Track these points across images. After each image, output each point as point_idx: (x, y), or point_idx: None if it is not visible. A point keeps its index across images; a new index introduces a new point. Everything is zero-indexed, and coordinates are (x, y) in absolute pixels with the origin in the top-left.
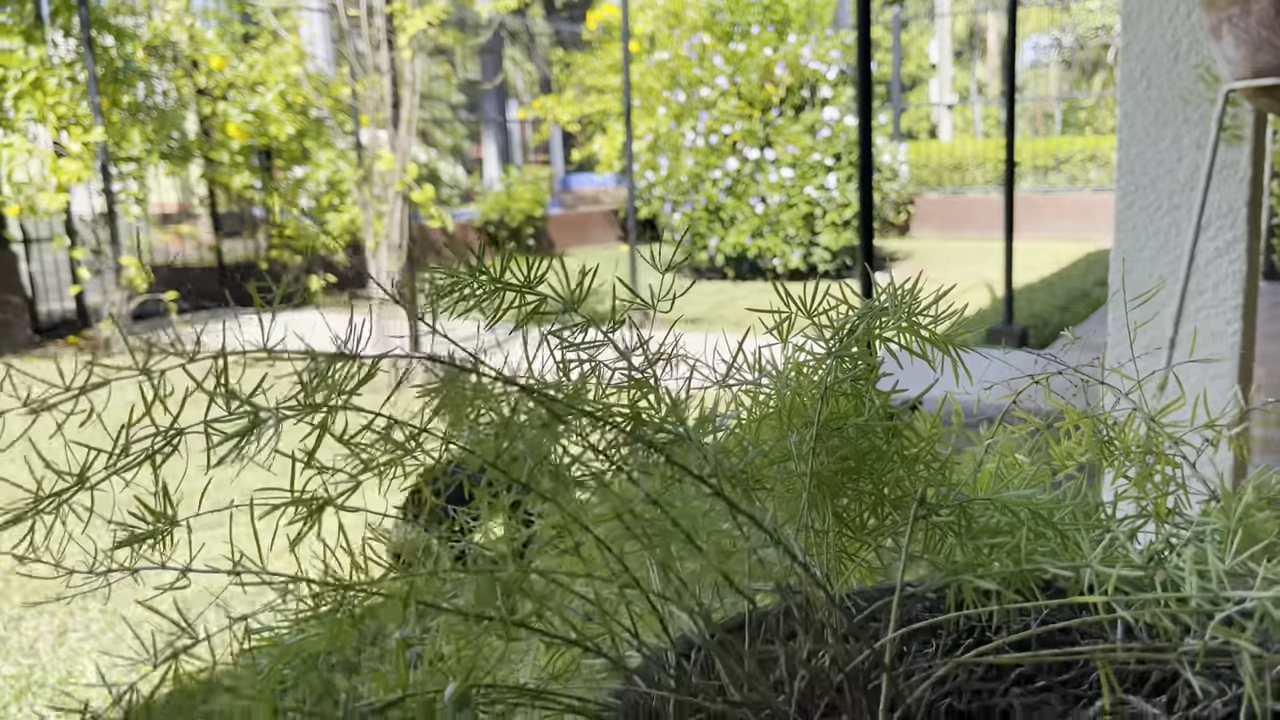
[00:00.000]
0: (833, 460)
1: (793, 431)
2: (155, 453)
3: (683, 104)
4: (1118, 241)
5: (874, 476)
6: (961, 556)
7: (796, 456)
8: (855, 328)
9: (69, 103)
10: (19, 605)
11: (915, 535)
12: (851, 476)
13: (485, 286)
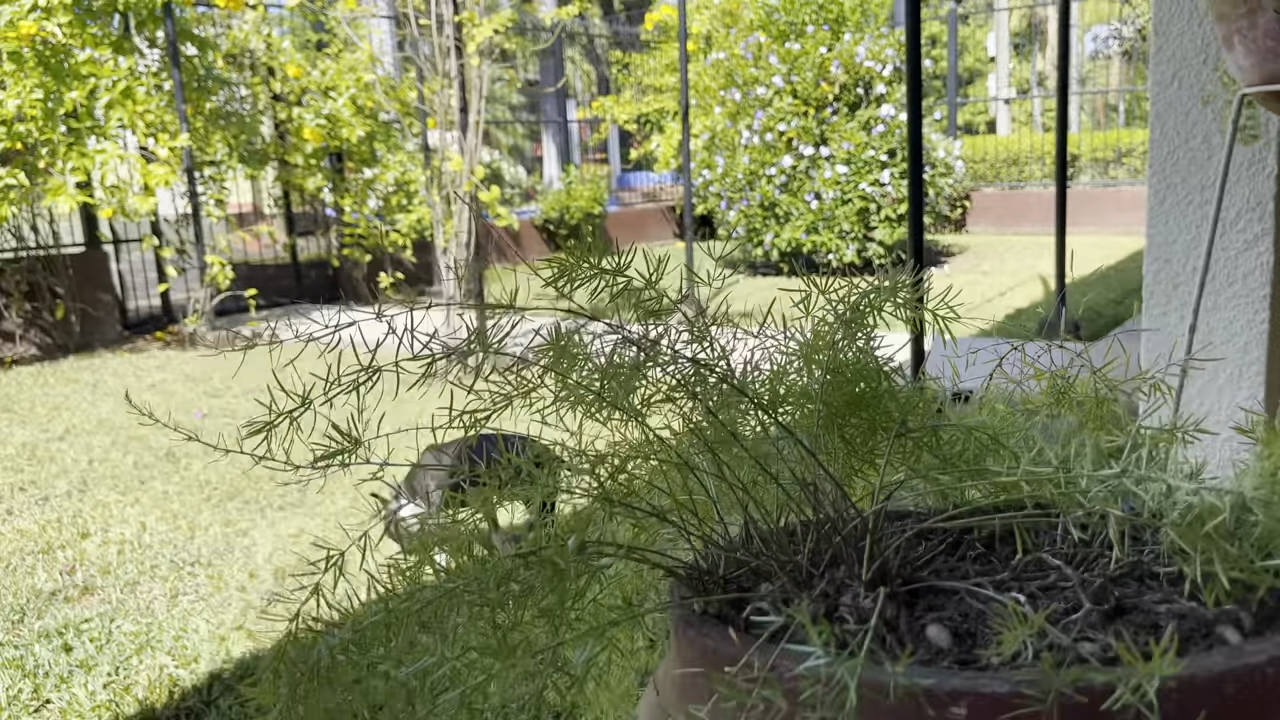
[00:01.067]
0: (840, 397)
1: (811, 377)
2: (358, 384)
3: (738, 103)
4: (1150, 236)
5: (870, 410)
6: (928, 462)
7: (817, 396)
8: (861, 303)
9: (156, 110)
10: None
11: (897, 450)
12: (854, 409)
13: (588, 272)
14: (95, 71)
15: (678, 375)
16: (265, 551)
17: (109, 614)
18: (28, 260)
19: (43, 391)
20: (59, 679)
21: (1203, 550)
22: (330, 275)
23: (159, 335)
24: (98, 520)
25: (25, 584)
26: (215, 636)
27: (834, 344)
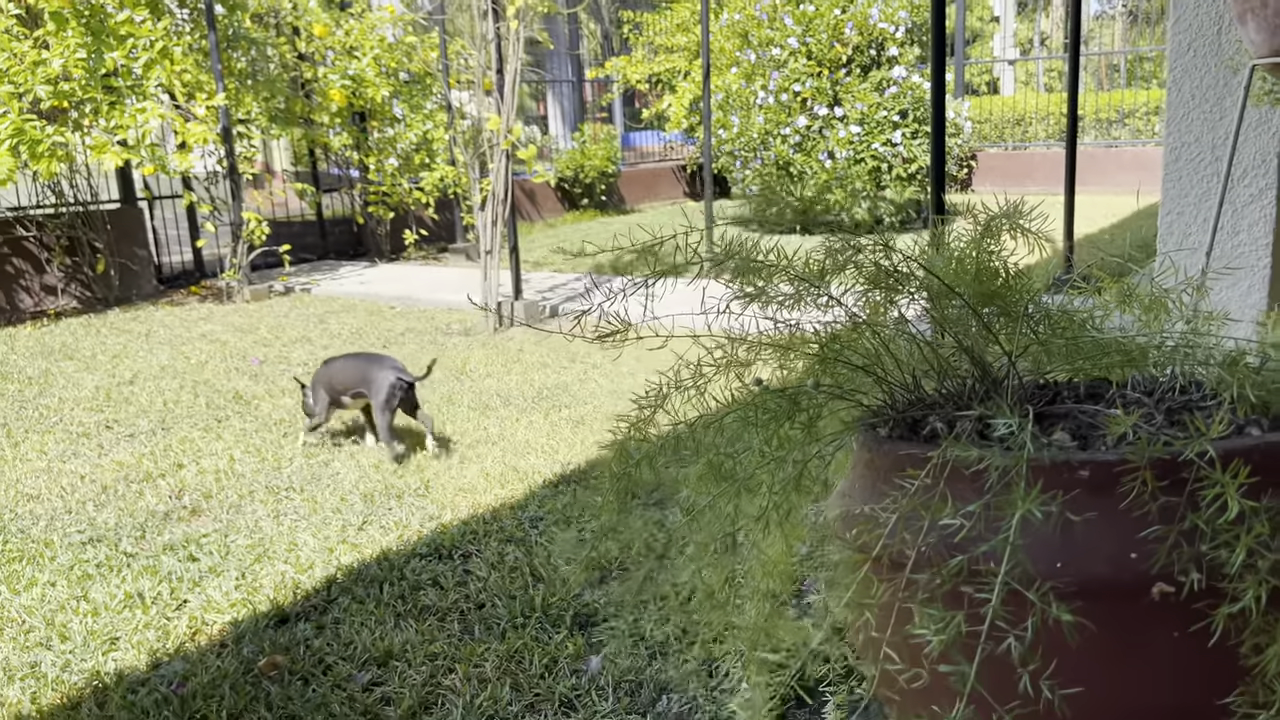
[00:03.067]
0: (978, 291)
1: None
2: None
3: (753, 63)
4: (1165, 190)
5: (999, 300)
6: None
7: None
8: (991, 223)
9: (193, 70)
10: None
11: (1021, 330)
12: (987, 300)
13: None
14: (133, 31)
15: (867, 274)
16: (351, 479)
17: (222, 530)
18: (68, 216)
19: (98, 341)
20: (191, 583)
21: (1236, 378)
22: (354, 232)
23: (194, 290)
24: (188, 453)
25: (138, 506)
26: (324, 548)
27: (976, 252)
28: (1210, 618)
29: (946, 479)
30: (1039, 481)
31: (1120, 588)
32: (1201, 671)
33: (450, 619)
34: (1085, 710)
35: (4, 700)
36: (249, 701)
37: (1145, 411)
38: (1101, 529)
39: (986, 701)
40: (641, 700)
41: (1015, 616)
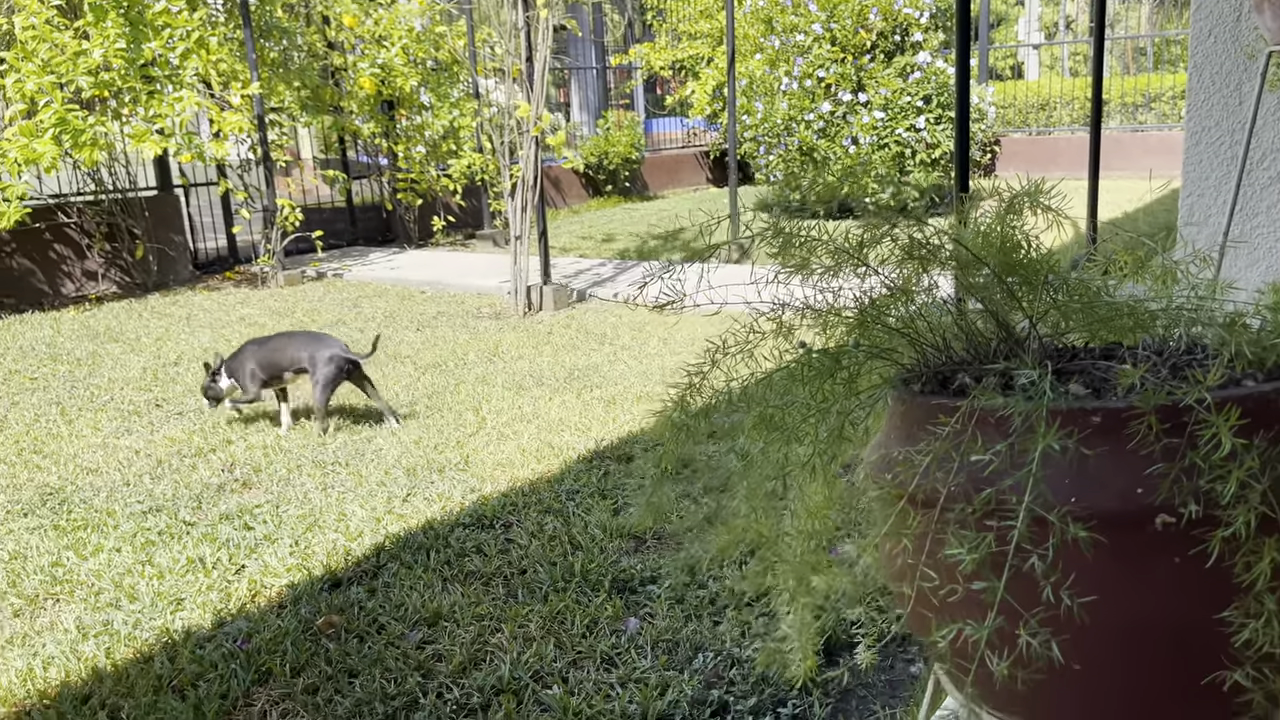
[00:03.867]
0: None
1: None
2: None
3: (777, 49)
4: (1186, 173)
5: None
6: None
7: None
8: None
9: (228, 59)
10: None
11: (1041, 297)
12: (1010, 270)
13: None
14: (170, 21)
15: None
16: (394, 455)
17: (274, 501)
18: (108, 203)
19: (141, 324)
20: (248, 549)
21: (1234, 337)
22: (384, 218)
23: (229, 275)
24: (235, 430)
25: (192, 479)
26: (371, 518)
27: (1001, 226)
28: (1207, 543)
29: (975, 424)
30: (1056, 424)
31: (1128, 518)
32: (1201, 590)
33: (495, 583)
34: (1098, 625)
35: (81, 654)
36: (309, 656)
37: (1152, 366)
38: (1111, 467)
39: (1014, 610)
40: (679, 658)
41: (1037, 538)
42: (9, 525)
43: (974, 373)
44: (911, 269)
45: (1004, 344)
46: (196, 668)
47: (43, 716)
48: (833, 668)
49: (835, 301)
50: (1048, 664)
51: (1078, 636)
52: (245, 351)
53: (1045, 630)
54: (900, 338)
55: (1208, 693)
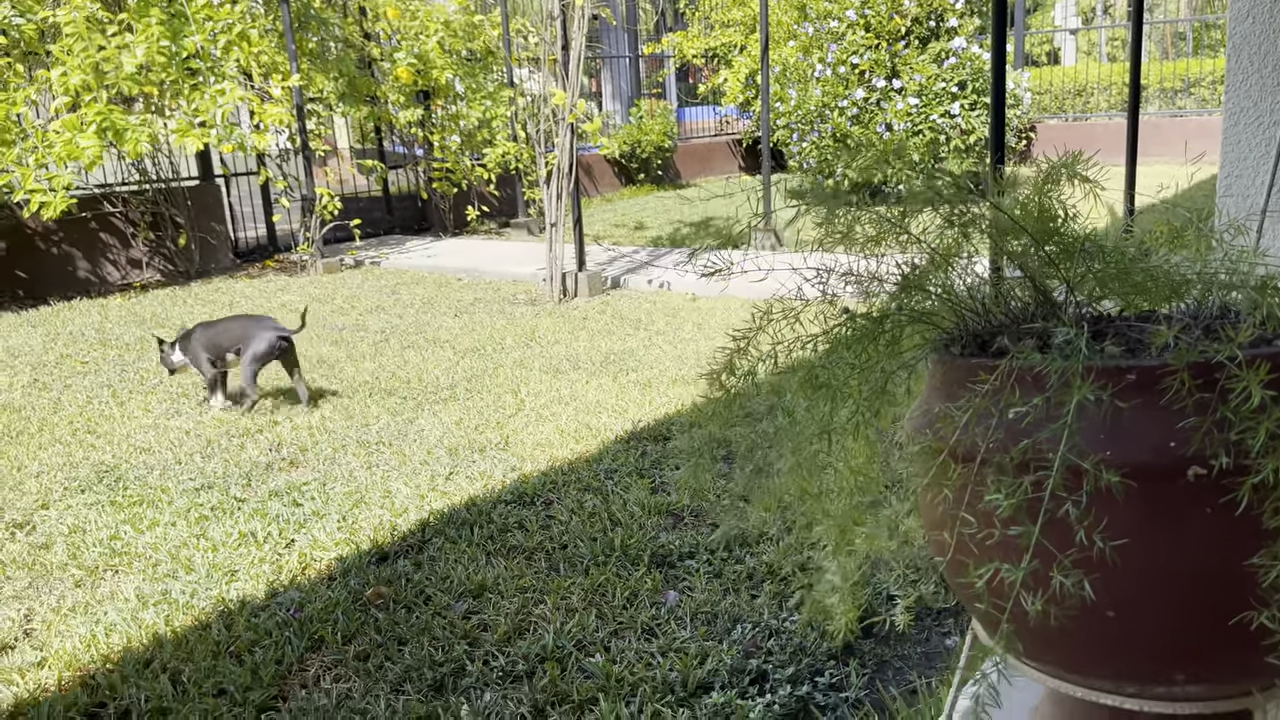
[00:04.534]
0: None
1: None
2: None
3: (811, 36)
4: (1224, 153)
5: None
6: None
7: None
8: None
9: (269, 51)
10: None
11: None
12: (1048, 237)
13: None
14: (211, 15)
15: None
16: (436, 435)
17: (321, 479)
18: (151, 192)
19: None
20: (297, 524)
21: (1266, 298)
22: (419, 207)
23: (269, 263)
24: (282, 412)
25: (241, 457)
26: (416, 495)
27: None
28: (1237, 492)
29: (1014, 381)
30: (1091, 378)
31: (1161, 470)
32: (1231, 539)
33: (537, 557)
34: (1131, 572)
35: (141, 622)
36: (359, 625)
37: (1185, 327)
38: (1145, 422)
39: (1048, 553)
40: (717, 629)
41: (1071, 487)
42: (68, 501)
43: (1013, 335)
44: (952, 237)
45: (1041, 308)
46: (252, 635)
47: (106, 679)
48: (869, 639)
49: (878, 269)
50: (1081, 612)
51: (1111, 583)
52: (195, 333)
53: (1078, 572)
54: (941, 303)
55: (1237, 635)
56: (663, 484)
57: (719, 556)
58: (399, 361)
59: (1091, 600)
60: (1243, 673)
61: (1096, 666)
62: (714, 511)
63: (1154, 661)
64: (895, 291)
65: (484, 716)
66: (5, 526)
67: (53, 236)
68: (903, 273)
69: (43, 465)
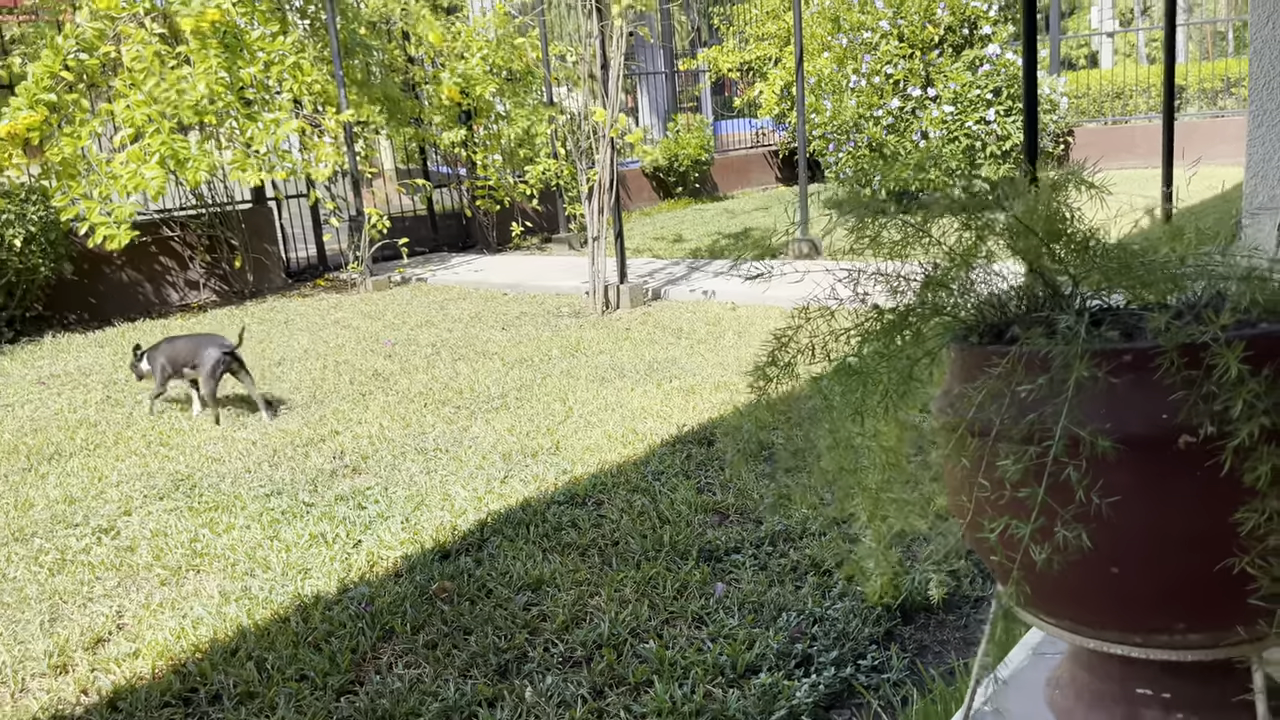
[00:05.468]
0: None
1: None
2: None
3: (845, 47)
4: (1249, 154)
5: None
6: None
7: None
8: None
9: (320, 80)
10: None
11: (1083, 259)
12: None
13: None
14: (265, 47)
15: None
16: (489, 442)
17: (383, 484)
18: (207, 216)
19: None
20: (363, 526)
21: (1253, 287)
22: (463, 225)
23: (319, 281)
24: (341, 422)
25: (307, 465)
26: (473, 498)
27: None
28: (1220, 455)
29: (1023, 364)
30: (1094, 363)
31: (1154, 439)
32: (1217, 498)
33: (590, 553)
34: (1131, 531)
35: (225, 615)
36: (427, 617)
37: (1177, 314)
38: (1139, 397)
39: (1053, 511)
40: (764, 617)
41: (1072, 454)
42: (148, 508)
43: (1024, 324)
44: (970, 237)
45: (1050, 300)
46: (328, 626)
47: (197, 667)
48: (909, 625)
49: (903, 269)
50: (1087, 570)
51: (1112, 542)
52: (159, 348)
53: (1077, 525)
54: (960, 297)
55: (1229, 586)
56: (708, 484)
57: (764, 551)
58: (451, 373)
59: (1096, 556)
60: (1237, 620)
61: (1105, 619)
62: (758, 509)
63: (1155, 613)
64: (919, 288)
65: (546, 697)
66: (92, 532)
67: (116, 261)
68: (926, 272)
69: (122, 475)
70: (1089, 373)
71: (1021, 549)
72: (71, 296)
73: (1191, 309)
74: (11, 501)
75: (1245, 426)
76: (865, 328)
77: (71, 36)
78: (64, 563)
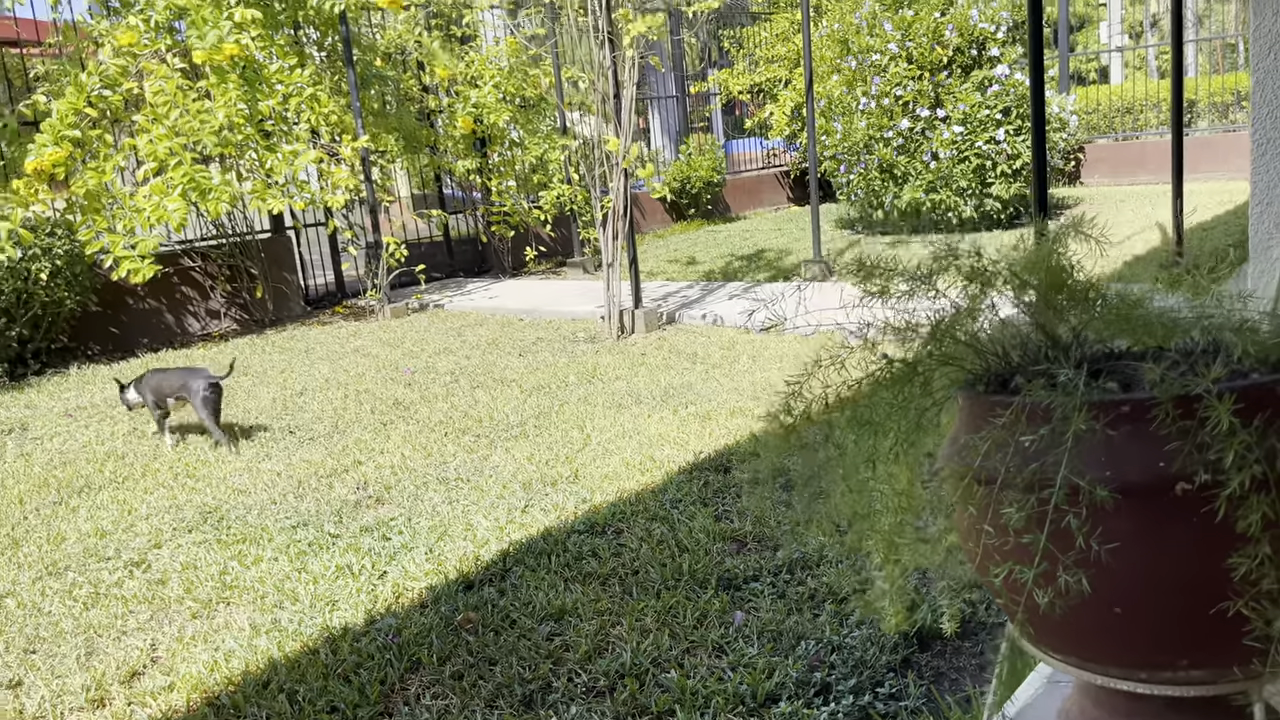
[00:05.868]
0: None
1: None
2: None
3: (854, 69)
4: (1254, 182)
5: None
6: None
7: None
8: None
9: (337, 111)
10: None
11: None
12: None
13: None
14: (283, 79)
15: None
16: (509, 470)
17: (406, 515)
18: (228, 246)
19: (265, 359)
20: (388, 557)
21: (1243, 338)
22: (479, 250)
23: (338, 309)
24: (364, 452)
25: (331, 496)
26: (495, 528)
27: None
28: (1215, 502)
29: (1025, 415)
30: (1093, 414)
31: (1151, 487)
32: (1213, 543)
33: (611, 582)
34: (1131, 574)
35: (256, 648)
36: (453, 648)
37: (1173, 364)
38: (1137, 446)
39: (1054, 556)
40: (783, 645)
41: (1072, 502)
42: (177, 540)
43: (1027, 375)
44: (974, 289)
45: (1052, 350)
46: (356, 658)
47: (230, 700)
48: (926, 652)
49: (912, 318)
50: (1093, 610)
51: (1115, 584)
52: (146, 378)
53: (1077, 570)
54: (966, 348)
55: (1227, 625)
56: (725, 512)
57: (782, 579)
58: (470, 401)
59: (1099, 598)
60: (1236, 658)
61: (1111, 656)
62: (775, 537)
63: (1158, 651)
64: (926, 338)
65: None
66: (124, 565)
67: (139, 292)
68: (933, 322)
69: (150, 508)
70: (1086, 425)
71: (1026, 593)
72: (95, 328)
73: (1188, 357)
74: (44, 535)
75: (1237, 476)
76: (876, 377)
77: (95, 74)
78: (97, 596)
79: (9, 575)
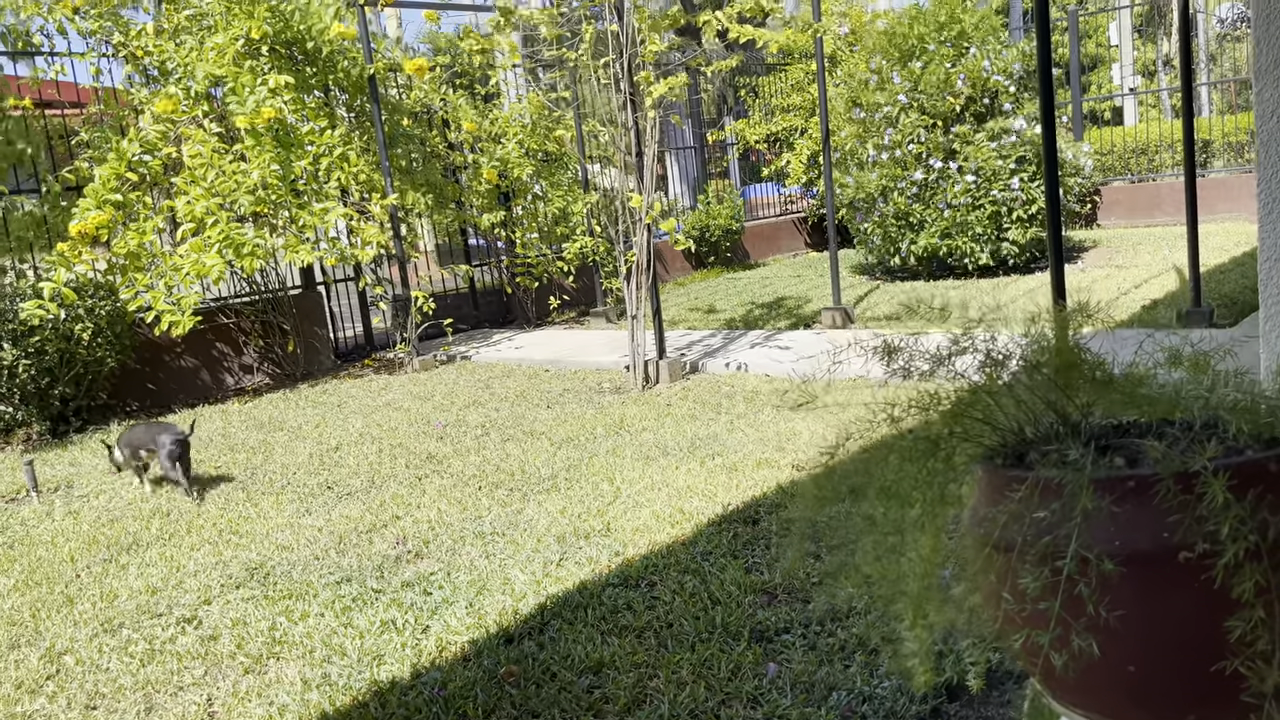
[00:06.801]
0: (1060, 362)
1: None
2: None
3: (862, 121)
4: (1262, 238)
5: (1075, 371)
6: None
7: (1049, 365)
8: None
9: (366, 170)
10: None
11: (1091, 390)
12: (1066, 372)
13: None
14: (314, 139)
15: (980, 358)
16: (543, 524)
17: (445, 570)
18: (261, 302)
19: (300, 413)
20: (430, 611)
21: (1237, 417)
22: (503, 301)
23: (367, 362)
24: (401, 507)
25: (371, 551)
26: (533, 581)
27: (1055, 339)
28: (1213, 570)
29: (1040, 490)
30: (1100, 489)
31: (1156, 556)
32: (1212, 607)
33: (647, 635)
34: (1142, 635)
35: (309, 702)
36: (497, 700)
37: (1175, 440)
38: (1142, 518)
39: (1068, 622)
40: (815, 695)
41: (1083, 573)
42: (226, 596)
43: (1040, 452)
44: (990, 371)
45: (1064, 427)
46: (404, 711)
47: None
48: (954, 702)
49: (934, 394)
50: (1109, 668)
51: (1128, 644)
52: (124, 435)
53: (1088, 635)
54: (984, 425)
55: (1230, 683)
56: (755, 564)
57: (813, 630)
58: (501, 454)
59: (1114, 659)
60: (1238, 713)
61: (1126, 710)
62: (805, 589)
63: (1169, 705)
64: (948, 416)
65: None
66: (176, 621)
67: (176, 348)
68: (953, 401)
69: (198, 564)
70: (1093, 504)
71: (1042, 655)
72: (134, 384)
73: (1188, 432)
74: (97, 593)
75: (1232, 546)
76: (902, 453)
77: (135, 140)
78: (153, 653)
79: (66, 632)
